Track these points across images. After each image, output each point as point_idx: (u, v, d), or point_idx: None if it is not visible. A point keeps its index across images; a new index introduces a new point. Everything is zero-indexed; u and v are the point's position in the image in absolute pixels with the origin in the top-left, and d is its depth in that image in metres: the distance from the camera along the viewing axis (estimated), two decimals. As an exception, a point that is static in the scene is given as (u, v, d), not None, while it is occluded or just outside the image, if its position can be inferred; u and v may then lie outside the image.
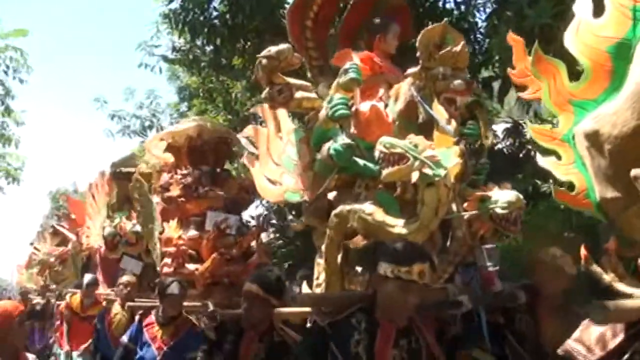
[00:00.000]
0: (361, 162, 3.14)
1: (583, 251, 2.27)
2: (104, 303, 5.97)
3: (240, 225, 5.95)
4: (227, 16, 7.98)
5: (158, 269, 6.15)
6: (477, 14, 6.90)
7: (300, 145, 3.63)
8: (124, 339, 4.67)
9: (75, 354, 6.72)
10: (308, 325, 4.65)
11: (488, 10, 6.73)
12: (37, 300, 10.29)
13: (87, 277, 6.83)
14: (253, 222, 7.07)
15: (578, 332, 2.31)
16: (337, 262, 3.15)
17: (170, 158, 6.28)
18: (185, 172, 5.96)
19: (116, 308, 5.79)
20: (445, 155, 2.71)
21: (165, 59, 10.53)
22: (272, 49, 3.40)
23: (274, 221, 10.01)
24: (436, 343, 2.44)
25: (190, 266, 5.65)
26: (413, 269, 2.28)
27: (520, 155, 6.81)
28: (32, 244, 11.75)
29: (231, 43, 8.37)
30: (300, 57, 3.55)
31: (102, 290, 7.06)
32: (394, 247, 2.44)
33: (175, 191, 5.95)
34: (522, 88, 2.81)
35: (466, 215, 2.92)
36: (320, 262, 3.49)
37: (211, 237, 5.66)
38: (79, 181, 29.40)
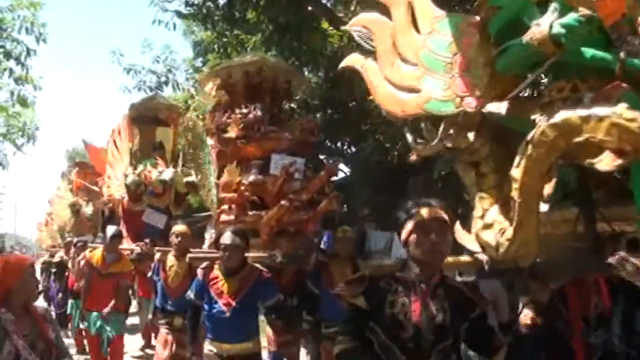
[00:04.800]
0: (589, 50, 2.19)
1: None
2: (157, 255, 4.95)
3: (306, 170, 5.04)
4: (240, -32, 7.26)
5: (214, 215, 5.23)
6: None
7: (464, 36, 2.64)
8: (190, 295, 3.89)
9: (94, 315, 5.52)
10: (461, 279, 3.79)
11: None
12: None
13: (111, 229, 5.59)
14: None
15: None
16: (540, 194, 2.15)
17: (224, 96, 5.27)
18: (245, 110, 4.98)
19: (170, 260, 4.83)
20: None
21: (178, 14, 9.71)
22: None
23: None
24: None
25: (254, 213, 4.82)
26: None
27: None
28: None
29: (244, -5, 7.65)
30: None
31: (127, 245, 6.02)
32: None
33: (233, 132, 4.98)
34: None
35: None
36: (485, 197, 2.57)
37: (278, 181, 4.77)
38: (96, 140, 28.22)
